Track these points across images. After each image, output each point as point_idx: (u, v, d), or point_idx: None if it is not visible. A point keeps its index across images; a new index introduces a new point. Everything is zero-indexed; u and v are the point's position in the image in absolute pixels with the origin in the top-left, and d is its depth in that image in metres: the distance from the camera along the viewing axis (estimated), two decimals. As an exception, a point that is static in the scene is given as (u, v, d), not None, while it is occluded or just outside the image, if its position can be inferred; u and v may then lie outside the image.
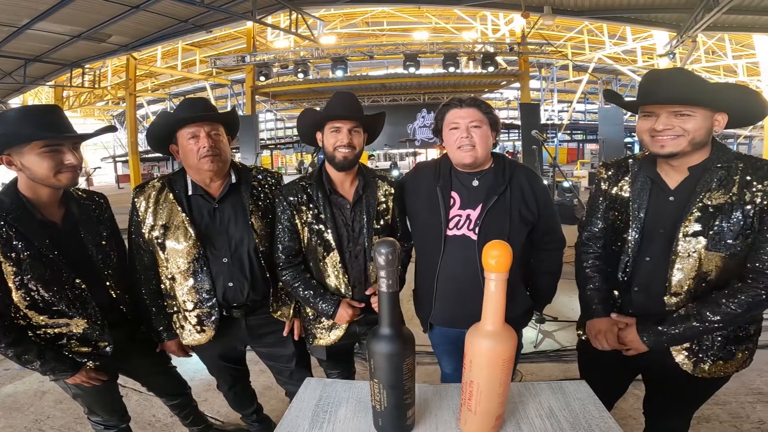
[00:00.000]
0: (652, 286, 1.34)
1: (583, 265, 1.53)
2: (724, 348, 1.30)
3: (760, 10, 6.85)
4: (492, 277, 0.87)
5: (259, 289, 1.67)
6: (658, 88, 1.22)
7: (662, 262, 1.29)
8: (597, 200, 1.50)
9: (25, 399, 2.68)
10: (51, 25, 7.89)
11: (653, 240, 1.32)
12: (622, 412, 2.33)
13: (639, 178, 1.36)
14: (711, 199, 1.21)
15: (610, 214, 1.45)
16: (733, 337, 1.30)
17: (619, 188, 1.42)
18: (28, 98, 16.52)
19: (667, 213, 1.29)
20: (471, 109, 1.49)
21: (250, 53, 11.95)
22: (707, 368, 1.32)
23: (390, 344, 0.91)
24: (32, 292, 1.35)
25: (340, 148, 1.54)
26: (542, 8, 8.20)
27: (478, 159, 1.50)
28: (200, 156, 1.50)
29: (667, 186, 1.31)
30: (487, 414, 0.96)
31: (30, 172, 1.33)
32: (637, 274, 1.37)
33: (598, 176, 1.51)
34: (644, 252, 1.34)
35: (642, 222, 1.33)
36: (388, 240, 0.88)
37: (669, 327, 1.26)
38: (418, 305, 1.73)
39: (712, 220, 1.20)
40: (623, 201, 1.39)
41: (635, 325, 1.34)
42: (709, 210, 1.21)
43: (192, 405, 2.09)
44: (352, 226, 1.61)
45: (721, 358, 1.31)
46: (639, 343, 1.32)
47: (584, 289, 1.50)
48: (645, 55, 14.99)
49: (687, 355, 1.32)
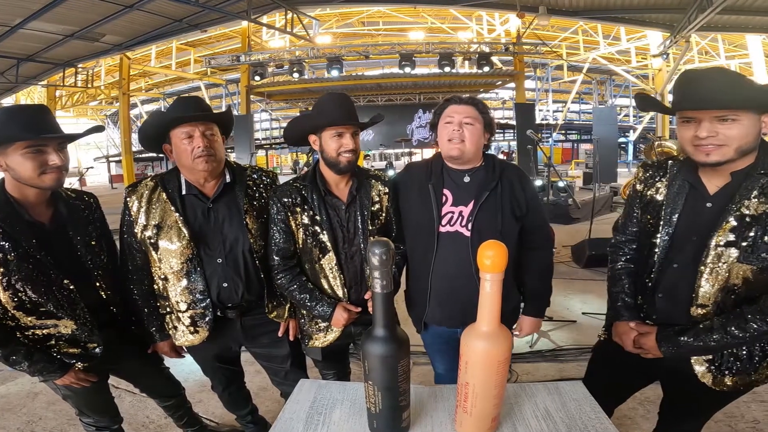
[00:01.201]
0: (677, 293, 1.28)
1: (614, 266, 1.49)
2: (748, 363, 1.24)
3: (753, 10, 6.90)
4: (487, 277, 0.86)
5: (253, 289, 1.65)
6: (699, 91, 1.12)
7: (689, 270, 1.23)
8: (633, 202, 1.45)
9: (18, 400, 2.65)
10: (44, 24, 7.84)
11: (684, 246, 1.26)
12: (618, 412, 2.33)
13: (677, 181, 1.29)
14: (749, 207, 1.13)
15: (643, 217, 1.40)
16: (760, 352, 1.24)
17: (655, 190, 1.36)
18: (21, 98, 16.39)
19: (703, 220, 1.22)
20: (467, 106, 1.54)
21: (245, 53, 11.91)
22: (728, 381, 1.26)
23: (384, 346, 0.90)
24: (20, 293, 1.34)
25: (344, 153, 1.53)
26: (537, 8, 8.23)
27: (465, 153, 1.52)
28: (195, 156, 1.49)
29: (706, 191, 1.23)
30: (483, 415, 0.95)
31: (14, 172, 1.31)
32: (662, 281, 1.31)
33: (635, 177, 1.45)
34: (672, 258, 1.29)
35: (674, 227, 1.28)
36: (382, 240, 0.87)
37: (690, 338, 1.21)
38: (411, 305, 1.72)
39: (747, 230, 1.13)
40: (657, 204, 1.34)
41: (654, 333, 1.29)
42: (745, 219, 1.13)
43: (186, 406, 2.07)
44: (347, 227, 1.60)
45: (744, 372, 1.24)
46: (656, 350, 1.28)
47: (612, 291, 1.47)
48: (639, 56, 15.08)
49: (707, 366, 1.27)
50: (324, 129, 1.54)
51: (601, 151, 10.52)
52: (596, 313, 3.63)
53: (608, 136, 11.92)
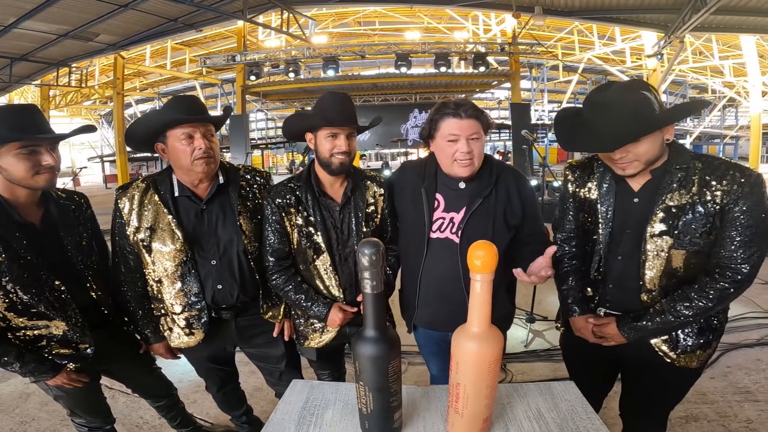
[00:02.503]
0: (625, 282, 1.39)
1: (559, 265, 1.55)
2: (701, 337, 1.37)
3: (747, 10, 6.93)
4: (477, 278, 0.86)
5: (248, 290, 1.64)
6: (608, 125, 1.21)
7: (633, 260, 1.35)
8: (566, 201, 1.54)
9: (10, 401, 2.64)
10: (38, 23, 7.79)
11: (622, 239, 1.38)
12: (612, 411, 2.34)
13: (604, 180, 1.40)
14: (673, 199, 1.26)
15: (581, 216, 1.49)
16: (707, 327, 1.37)
17: (587, 190, 1.46)
18: (14, 97, 16.28)
19: (633, 214, 1.35)
20: (471, 120, 1.42)
21: (241, 52, 11.86)
22: (687, 358, 1.38)
23: (375, 346, 0.89)
24: (10, 294, 1.33)
25: (337, 155, 1.51)
26: (533, 8, 8.24)
27: (475, 171, 1.47)
28: (195, 158, 1.47)
29: (631, 188, 1.35)
30: (475, 416, 0.95)
31: (7, 173, 1.30)
32: (610, 272, 1.42)
33: (565, 178, 1.54)
34: (615, 251, 1.40)
35: (611, 222, 1.39)
36: (372, 240, 0.86)
37: (646, 322, 1.33)
38: (403, 306, 1.72)
39: (675, 219, 1.26)
40: (591, 203, 1.44)
41: (614, 322, 1.39)
42: (672, 210, 1.26)
43: (179, 406, 2.07)
44: (341, 228, 1.59)
45: (699, 347, 1.37)
46: (619, 337, 1.38)
47: (560, 289, 1.55)
48: (633, 56, 15.13)
49: (669, 346, 1.39)
50: (320, 128, 1.52)
51: (596, 151, 10.54)
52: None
53: (603, 136, 11.92)
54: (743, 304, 3.66)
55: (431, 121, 1.49)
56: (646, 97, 1.21)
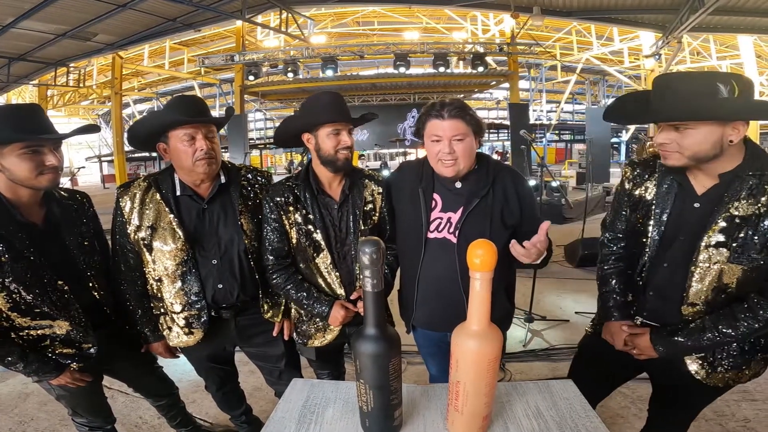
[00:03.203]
0: (667, 292, 1.31)
1: (603, 265, 1.50)
2: (740, 358, 1.27)
3: (745, 11, 6.96)
4: (477, 276, 0.87)
5: (248, 290, 1.65)
6: (661, 101, 1.15)
7: (679, 269, 1.26)
8: (621, 200, 1.46)
9: (9, 401, 2.64)
10: (35, 23, 7.77)
11: (672, 246, 1.28)
12: (611, 410, 2.36)
13: (666, 180, 1.30)
14: (739, 209, 1.15)
15: (633, 216, 1.41)
16: (750, 347, 1.28)
17: (644, 189, 1.37)
18: (12, 97, 16.24)
19: (691, 220, 1.24)
20: (454, 121, 1.41)
21: (240, 52, 11.84)
22: (720, 377, 1.29)
23: (375, 345, 0.90)
24: (14, 295, 1.33)
25: (342, 150, 1.53)
26: (531, 9, 8.25)
27: (460, 172, 1.47)
28: (197, 159, 1.48)
29: (694, 191, 1.25)
30: (474, 414, 0.96)
31: (10, 173, 1.30)
32: (653, 279, 1.34)
33: (623, 176, 1.46)
34: (662, 257, 1.31)
35: (663, 226, 1.30)
36: (372, 239, 0.87)
37: (683, 338, 1.24)
38: (402, 306, 1.72)
39: (737, 231, 1.15)
40: (646, 203, 1.35)
41: (648, 333, 1.31)
42: (735, 220, 1.15)
43: (179, 406, 2.07)
44: (339, 226, 1.60)
45: (735, 368, 1.28)
46: (651, 351, 1.30)
47: (601, 290, 1.49)
48: (631, 56, 15.15)
49: (701, 364, 1.30)
50: (320, 127, 1.53)
51: (594, 151, 10.58)
52: (589, 313, 3.65)
53: (601, 136, 11.97)
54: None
55: (419, 121, 1.51)
56: (713, 87, 1.09)
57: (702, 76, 1.17)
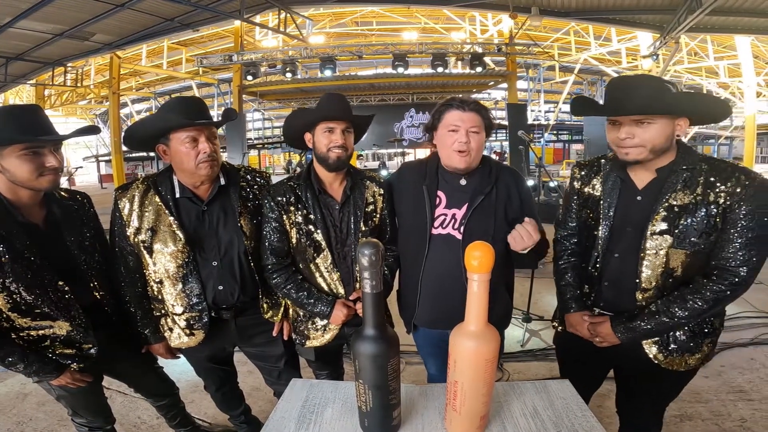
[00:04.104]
0: (621, 281, 1.41)
1: (558, 261, 1.59)
2: (692, 341, 1.37)
3: (742, 11, 6.98)
4: (474, 278, 0.88)
5: (248, 290, 1.66)
6: (622, 98, 1.26)
7: (630, 259, 1.36)
8: (571, 199, 1.56)
9: (7, 401, 2.64)
10: (33, 23, 7.75)
11: (621, 237, 1.39)
12: (608, 410, 2.36)
13: (610, 177, 1.43)
14: (676, 199, 1.27)
15: (583, 212, 1.52)
16: (699, 330, 1.38)
17: (591, 187, 1.49)
18: (9, 97, 16.19)
19: (635, 212, 1.36)
20: (474, 114, 1.48)
21: (238, 52, 11.82)
22: (676, 360, 1.39)
23: (374, 345, 0.91)
24: (14, 295, 1.33)
25: (334, 149, 1.54)
26: (530, 9, 8.27)
27: (472, 165, 1.51)
28: (199, 161, 1.48)
29: (635, 186, 1.37)
30: (472, 414, 0.97)
31: (10, 174, 1.31)
32: (606, 270, 1.44)
33: (572, 176, 1.57)
34: (613, 248, 1.41)
35: (611, 220, 1.40)
36: (372, 241, 0.88)
37: (640, 323, 1.34)
38: (402, 306, 1.73)
39: (677, 219, 1.27)
40: (595, 199, 1.46)
41: (609, 321, 1.40)
42: (674, 209, 1.27)
43: (180, 406, 2.08)
44: (339, 227, 1.61)
45: (687, 351, 1.38)
46: (613, 337, 1.39)
47: (559, 284, 1.58)
48: (629, 56, 15.19)
49: (658, 348, 1.39)
50: (317, 124, 1.55)
51: (592, 152, 10.60)
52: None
53: (598, 136, 11.93)
54: (737, 304, 3.67)
55: (436, 112, 1.55)
56: (667, 86, 1.25)
57: (653, 77, 1.30)
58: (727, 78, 14.89)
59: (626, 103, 1.24)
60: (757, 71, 12.41)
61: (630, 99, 1.24)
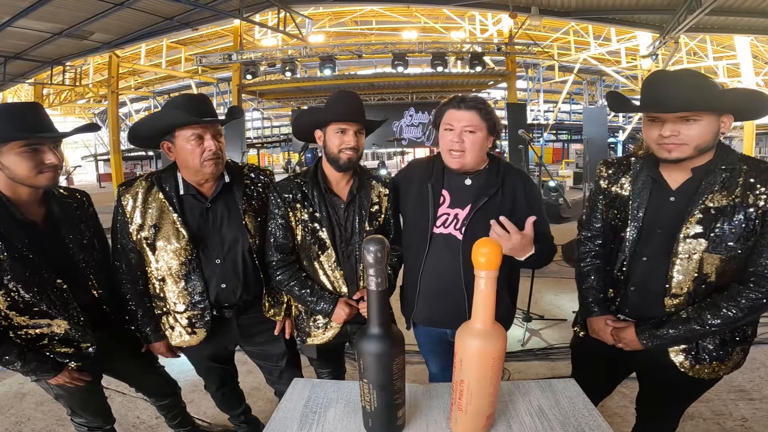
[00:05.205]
0: (648, 285, 1.33)
1: (581, 263, 1.52)
2: (722, 349, 1.30)
3: (742, 11, 6.98)
4: (482, 275, 0.87)
5: (251, 289, 1.65)
6: (666, 94, 1.19)
7: (659, 262, 1.29)
8: (597, 198, 1.49)
9: (5, 401, 2.62)
10: (32, 22, 7.73)
11: (651, 239, 1.32)
12: (609, 410, 2.36)
13: (640, 177, 1.35)
14: (713, 201, 1.20)
15: (610, 213, 1.45)
16: (730, 338, 1.30)
17: (620, 186, 1.41)
18: (8, 96, 16.14)
19: (667, 213, 1.28)
20: (469, 112, 1.44)
21: (237, 51, 11.80)
22: (704, 369, 1.32)
23: (379, 344, 0.90)
24: (12, 293, 1.32)
25: (345, 150, 1.52)
26: (530, 9, 8.26)
27: (466, 165, 1.48)
28: (204, 159, 1.47)
29: (668, 186, 1.30)
30: (478, 413, 0.95)
31: (9, 171, 1.30)
32: (633, 273, 1.37)
33: (598, 174, 1.50)
34: (641, 251, 1.34)
35: (641, 221, 1.33)
36: (377, 237, 0.87)
37: (668, 330, 1.26)
38: (403, 303, 1.73)
39: (713, 222, 1.20)
40: (623, 199, 1.39)
41: (632, 327, 1.34)
42: (711, 212, 1.20)
43: (181, 406, 2.07)
44: (344, 226, 1.60)
45: (717, 359, 1.31)
46: (636, 343, 1.32)
47: (581, 287, 1.51)
48: (629, 56, 15.21)
49: (685, 356, 1.33)
50: (328, 124, 1.54)
51: (591, 151, 10.60)
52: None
53: (598, 136, 12.00)
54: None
55: (438, 111, 1.53)
56: (712, 81, 1.18)
57: (695, 72, 1.22)
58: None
59: (670, 99, 1.17)
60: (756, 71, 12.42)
61: (674, 94, 1.16)
